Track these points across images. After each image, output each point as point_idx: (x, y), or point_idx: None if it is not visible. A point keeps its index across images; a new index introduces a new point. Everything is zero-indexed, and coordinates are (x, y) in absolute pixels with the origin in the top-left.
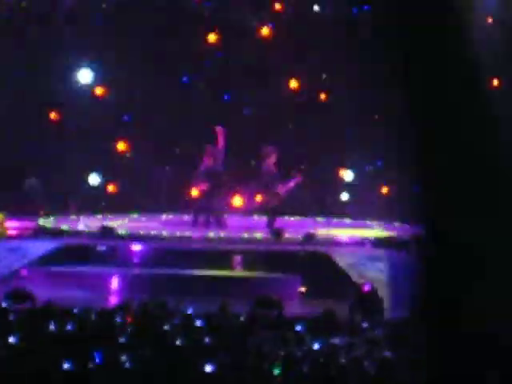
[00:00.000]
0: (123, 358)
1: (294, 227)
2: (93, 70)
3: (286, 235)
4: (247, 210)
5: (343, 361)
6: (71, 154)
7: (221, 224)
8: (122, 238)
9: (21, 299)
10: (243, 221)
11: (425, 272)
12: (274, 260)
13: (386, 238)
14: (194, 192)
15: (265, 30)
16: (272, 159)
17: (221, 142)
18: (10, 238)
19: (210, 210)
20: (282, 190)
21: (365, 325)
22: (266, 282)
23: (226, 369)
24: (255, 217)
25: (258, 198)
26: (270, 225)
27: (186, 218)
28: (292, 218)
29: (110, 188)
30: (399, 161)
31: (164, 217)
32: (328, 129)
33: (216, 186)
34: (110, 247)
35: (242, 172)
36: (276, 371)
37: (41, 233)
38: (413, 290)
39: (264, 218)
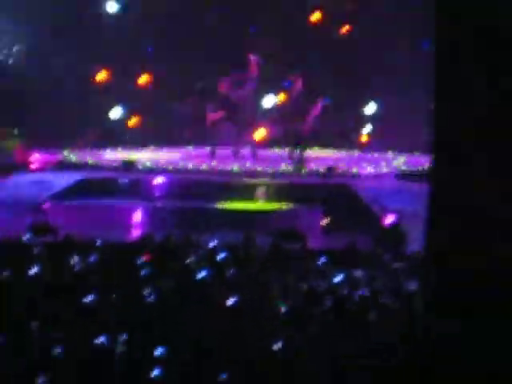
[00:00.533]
0: (145, 291)
1: (317, 160)
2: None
3: (309, 168)
4: (269, 142)
5: (364, 293)
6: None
7: (239, 156)
8: (144, 170)
9: (43, 232)
10: (264, 154)
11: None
12: (297, 193)
13: (409, 170)
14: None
15: None
16: (298, 85)
17: (254, 70)
18: (34, 170)
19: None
20: (308, 117)
21: (387, 257)
22: (289, 214)
23: (248, 302)
24: (276, 150)
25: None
26: (292, 156)
27: (207, 150)
28: (315, 151)
29: (133, 121)
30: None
31: (186, 150)
32: (351, 60)
33: (232, 114)
34: (132, 180)
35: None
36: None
37: (64, 166)
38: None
39: (285, 151)
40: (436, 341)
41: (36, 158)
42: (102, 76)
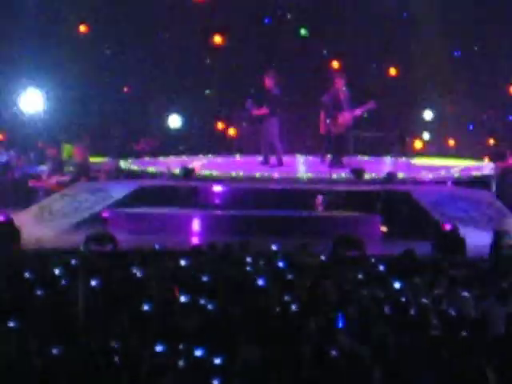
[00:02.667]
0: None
1: (373, 167)
2: None
3: (366, 175)
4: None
5: (424, 300)
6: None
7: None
8: (201, 179)
9: (103, 242)
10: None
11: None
12: (355, 200)
13: (467, 176)
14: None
15: None
16: (339, 84)
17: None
18: (92, 178)
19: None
20: (347, 116)
21: (446, 264)
22: (347, 221)
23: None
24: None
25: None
26: (333, 163)
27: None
28: (371, 158)
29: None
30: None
31: (239, 157)
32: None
33: (273, 110)
34: (190, 188)
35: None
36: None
37: (122, 174)
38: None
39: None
40: None
41: (96, 167)
42: None
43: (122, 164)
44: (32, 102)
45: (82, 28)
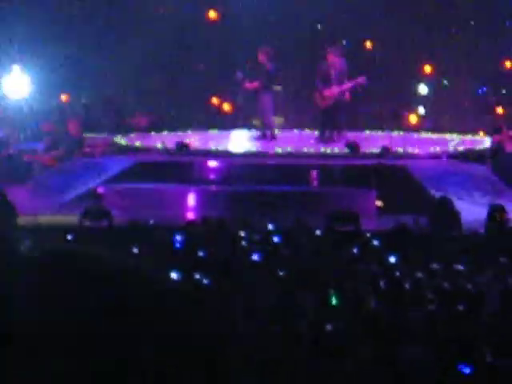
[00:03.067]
0: (198, 275)
1: (369, 141)
2: None
3: (362, 149)
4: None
5: (420, 275)
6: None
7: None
8: (196, 154)
9: (98, 217)
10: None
11: None
12: (350, 174)
13: (462, 150)
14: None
15: None
16: (331, 58)
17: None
18: (87, 154)
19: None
20: (334, 90)
21: (441, 238)
22: (343, 196)
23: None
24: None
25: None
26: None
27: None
28: (367, 132)
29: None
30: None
31: (234, 132)
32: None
33: (265, 84)
34: (185, 164)
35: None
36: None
37: (117, 150)
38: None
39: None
40: None
41: (91, 142)
42: None
43: (117, 139)
44: (18, 85)
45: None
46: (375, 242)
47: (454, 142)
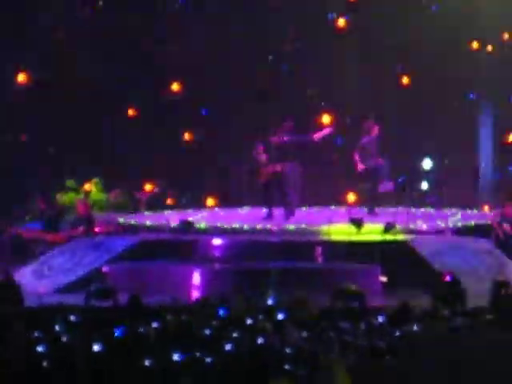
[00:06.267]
0: (204, 354)
1: (372, 217)
2: None
3: (365, 225)
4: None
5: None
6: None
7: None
8: (201, 232)
9: (104, 297)
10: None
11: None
12: (354, 250)
13: (466, 225)
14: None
15: None
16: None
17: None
18: (96, 233)
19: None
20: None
21: (447, 314)
22: (346, 272)
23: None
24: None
25: None
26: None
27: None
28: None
29: None
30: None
31: (241, 210)
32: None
33: (281, 159)
34: (189, 242)
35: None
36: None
37: (123, 229)
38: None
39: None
40: None
41: (99, 222)
42: None
43: (121, 219)
44: None
45: None
46: (380, 319)
47: (457, 216)
